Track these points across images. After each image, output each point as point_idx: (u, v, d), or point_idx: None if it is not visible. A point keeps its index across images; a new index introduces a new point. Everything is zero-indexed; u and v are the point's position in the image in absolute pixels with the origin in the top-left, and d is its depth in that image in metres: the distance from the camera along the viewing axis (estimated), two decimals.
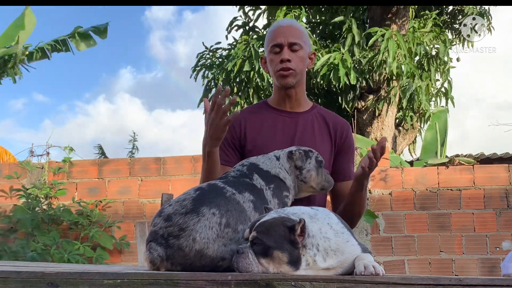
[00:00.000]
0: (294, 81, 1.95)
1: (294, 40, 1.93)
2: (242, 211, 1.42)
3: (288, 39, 1.92)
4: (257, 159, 1.66)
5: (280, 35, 1.94)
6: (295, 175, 1.67)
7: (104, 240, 4.58)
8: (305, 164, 1.68)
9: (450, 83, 8.38)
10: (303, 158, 1.67)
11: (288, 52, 1.92)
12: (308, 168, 1.68)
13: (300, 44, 1.94)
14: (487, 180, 4.69)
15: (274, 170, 1.63)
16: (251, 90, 7.66)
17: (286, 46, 1.92)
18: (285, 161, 1.66)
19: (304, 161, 1.67)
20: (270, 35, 1.98)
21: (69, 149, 5.06)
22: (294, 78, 1.94)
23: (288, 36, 1.93)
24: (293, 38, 1.93)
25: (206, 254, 1.33)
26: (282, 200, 1.58)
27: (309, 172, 1.68)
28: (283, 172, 1.64)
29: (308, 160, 1.68)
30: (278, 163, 1.65)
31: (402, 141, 8.28)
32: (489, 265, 4.56)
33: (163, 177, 4.89)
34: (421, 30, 7.73)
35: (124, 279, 1.08)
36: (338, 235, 1.26)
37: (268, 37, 1.99)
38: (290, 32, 1.94)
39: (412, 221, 4.69)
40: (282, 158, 1.67)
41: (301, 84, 2.01)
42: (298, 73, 1.95)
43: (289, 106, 2.02)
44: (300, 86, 2.01)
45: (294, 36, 1.94)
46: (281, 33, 1.94)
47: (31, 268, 1.28)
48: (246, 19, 8.51)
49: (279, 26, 1.99)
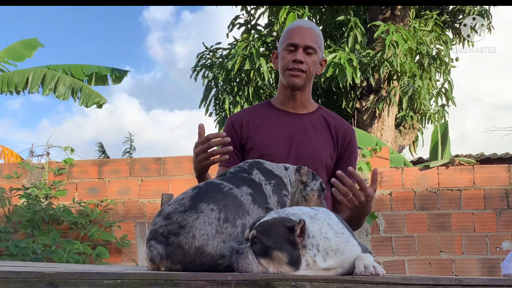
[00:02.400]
0: (302, 83, 1.95)
1: (311, 43, 1.93)
2: (240, 205, 1.43)
3: (305, 41, 1.93)
4: (264, 160, 1.67)
5: (298, 36, 1.94)
6: (299, 189, 1.67)
7: (104, 236, 4.59)
8: (310, 183, 1.67)
9: (451, 83, 8.38)
10: (310, 176, 1.67)
11: (302, 54, 1.92)
12: (312, 187, 1.67)
13: (315, 49, 1.94)
14: (487, 180, 4.69)
15: (279, 172, 1.63)
16: (251, 89, 7.67)
17: (301, 47, 1.92)
18: (292, 173, 1.66)
19: (310, 179, 1.67)
20: (289, 33, 1.98)
21: (70, 150, 5.07)
22: (302, 80, 1.94)
23: (305, 38, 1.93)
24: (310, 41, 1.93)
25: (206, 251, 1.33)
26: (281, 199, 1.57)
27: (313, 192, 1.67)
28: (286, 179, 1.64)
29: (314, 181, 1.68)
30: (286, 172, 1.65)
31: (403, 141, 8.28)
32: (489, 265, 4.56)
33: (163, 177, 4.89)
34: (422, 29, 7.73)
35: (124, 279, 1.08)
36: (338, 235, 1.26)
37: (286, 35, 1.98)
38: (309, 34, 1.95)
39: (412, 221, 4.69)
40: (290, 170, 1.67)
41: (308, 88, 2.01)
42: (307, 76, 1.95)
43: (292, 107, 2.01)
44: (306, 90, 2.01)
45: (312, 39, 1.94)
46: (300, 34, 1.94)
47: (31, 268, 1.28)
48: (249, 17, 8.50)
49: (299, 27, 1.99)
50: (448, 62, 8.19)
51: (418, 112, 8.12)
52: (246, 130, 1.98)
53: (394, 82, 7.51)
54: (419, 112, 8.13)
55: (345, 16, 7.54)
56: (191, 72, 8.44)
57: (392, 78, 7.45)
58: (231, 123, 2.02)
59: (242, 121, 1.99)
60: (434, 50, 8.08)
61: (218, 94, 8.28)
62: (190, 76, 8.42)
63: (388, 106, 7.52)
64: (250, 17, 8.49)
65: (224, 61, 8.00)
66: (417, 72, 7.32)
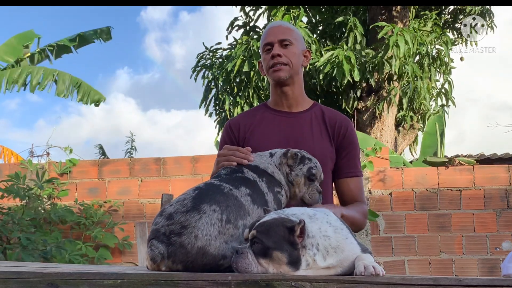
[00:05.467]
0: (287, 75, 1.97)
1: (284, 37, 1.98)
2: (241, 206, 1.44)
3: (278, 36, 1.98)
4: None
5: (270, 35, 2.01)
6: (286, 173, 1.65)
7: (106, 239, 4.59)
8: (296, 167, 1.65)
9: (451, 83, 8.38)
10: (296, 160, 1.66)
11: (278, 48, 1.97)
12: (297, 173, 1.65)
13: (290, 40, 1.98)
14: (487, 180, 4.69)
15: (263, 165, 1.63)
16: (251, 90, 7.67)
17: (276, 43, 1.97)
18: (278, 157, 1.66)
19: (296, 164, 1.66)
20: (263, 37, 2.05)
21: (70, 150, 5.07)
22: (287, 73, 1.97)
23: (277, 34, 1.99)
24: (283, 35, 1.99)
25: (208, 251, 1.33)
26: (276, 196, 1.58)
27: (298, 177, 1.65)
28: (271, 167, 1.63)
29: (300, 165, 1.66)
30: (270, 159, 1.66)
31: (402, 141, 8.28)
32: (489, 266, 4.56)
33: (163, 178, 4.89)
34: (422, 29, 7.73)
35: (124, 280, 1.08)
36: (337, 231, 1.26)
37: (261, 40, 2.06)
38: (279, 30, 2.01)
39: (412, 222, 4.69)
40: (276, 155, 1.67)
41: (297, 82, 2.02)
42: (291, 68, 1.97)
43: (286, 106, 2.02)
44: (297, 84, 2.02)
45: (284, 33, 2.00)
46: (271, 33, 2.01)
47: (31, 269, 1.28)
48: (247, 19, 8.51)
49: (270, 27, 2.06)
50: (448, 62, 8.18)
51: (418, 112, 8.12)
52: (243, 132, 2.00)
53: (394, 82, 7.51)
54: (419, 112, 8.13)
55: (345, 17, 7.54)
56: (191, 72, 8.45)
57: (392, 78, 7.45)
58: (229, 126, 2.05)
59: (240, 125, 2.03)
60: (434, 50, 8.08)
61: (218, 95, 8.28)
62: (190, 77, 8.43)
63: (388, 106, 7.52)
64: (248, 19, 8.50)
65: (224, 62, 8.00)
66: (417, 73, 7.32)
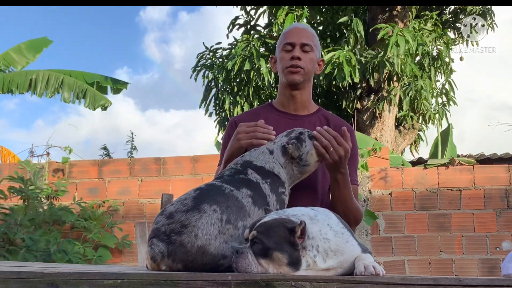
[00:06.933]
0: (301, 79, 1.97)
1: (307, 41, 1.99)
2: (242, 207, 1.44)
3: (301, 39, 1.98)
4: (250, 155, 1.67)
5: (294, 35, 2.00)
6: (293, 165, 1.66)
7: (106, 239, 4.59)
8: (302, 150, 1.66)
9: (451, 83, 8.38)
10: (298, 146, 1.66)
11: (299, 51, 1.97)
12: (306, 151, 1.66)
13: (311, 46, 1.99)
14: (487, 180, 4.69)
15: (269, 165, 1.63)
16: (251, 90, 7.66)
17: (298, 45, 1.97)
18: (280, 155, 1.66)
19: (300, 148, 1.66)
20: (285, 35, 2.04)
21: (69, 150, 5.07)
22: (301, 77, 1.97)
23: (301, 36, 1.99)
24: (306, 39, 1.99)
25: (208, 250, 1.34)
26: (280, 197, 1.58)
27: (309, 153, 1.67)
28: (277, 167, 1.64)
29: (303, 144, 1.67)
30: (272, 157, 1.65)
31: (403, 141, 8.27)
32: (489, 266, 4.56)
33: (163, 177, 4.89)
34: (423, 28, 7.72)
35: (124, 279, 1.08)
36: (338, 236, 1.26)
37: (282, 37, 2.05)
38: (304, 33, 2.01)
39: (412, 222, 4.69)
40: (276, 153, 1.66)
41: (307, 87, 2.03)
42: (306, 73, 1.98)
43: (293, 108, 2.03)
44: (306, 89, 2.03)
45: (307, 38, 2.00)
46: (295, 34, 2.01)
47: (31, 269, 1.28)
48: (248, 18, 8.50)
49: (295, 27, 2.06)
50: (448, 62, 8.17)
51: (418, 112, 8.12)
52: None
53: (395, 82, 7.51)
54: (419, 112, 8.12)
55: (349, 16, 7.52)
56: (191, 72, 8.44)
57: (392, 78, 7.45)
58: (234, 123, 2.04)
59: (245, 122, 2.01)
60: (434, 50, 8.07)
61: (218, 94, 8.28)
62: (190, 76, 8.41)
63: (388, 106, 7.51)
64: (249, 18, 8.49)
65: (224, 61, 7.99)
66: (418, 73, 7.32)
